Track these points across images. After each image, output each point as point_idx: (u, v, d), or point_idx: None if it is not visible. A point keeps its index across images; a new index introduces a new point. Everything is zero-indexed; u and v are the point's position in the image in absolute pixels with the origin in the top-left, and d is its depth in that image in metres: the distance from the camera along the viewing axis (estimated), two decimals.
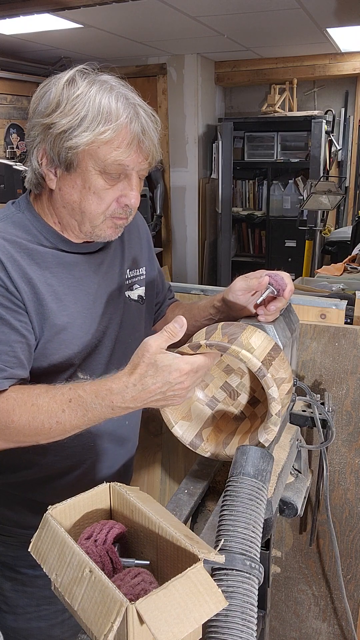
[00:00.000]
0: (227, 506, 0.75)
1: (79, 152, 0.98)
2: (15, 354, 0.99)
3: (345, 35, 4.15)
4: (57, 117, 0.96)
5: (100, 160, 0.98)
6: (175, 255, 5.65)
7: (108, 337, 1.14)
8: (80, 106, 0.95)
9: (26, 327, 1.01)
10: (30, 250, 1.04)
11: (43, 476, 1.17)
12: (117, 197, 1.03)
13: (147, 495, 0.79)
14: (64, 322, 1.06)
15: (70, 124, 0.96)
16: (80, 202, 1.02)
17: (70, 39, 4.17)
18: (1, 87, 4.62)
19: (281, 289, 1.05)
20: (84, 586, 0.61)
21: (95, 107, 0.95)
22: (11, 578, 1.24)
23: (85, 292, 1.11)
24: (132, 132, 0.97)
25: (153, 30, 4.03)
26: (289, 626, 1.67)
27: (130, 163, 0.99)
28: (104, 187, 1.01)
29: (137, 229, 1.28)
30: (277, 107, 5.04)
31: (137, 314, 1.24)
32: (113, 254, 1.19)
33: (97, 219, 1.04)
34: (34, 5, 3.10)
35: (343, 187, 5.16)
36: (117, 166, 0.99)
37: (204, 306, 1.23)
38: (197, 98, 5.13)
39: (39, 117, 1.00)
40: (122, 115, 0.96)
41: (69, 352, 1.07)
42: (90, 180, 1.00)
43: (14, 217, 1.08)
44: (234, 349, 0.86)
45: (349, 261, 3.20)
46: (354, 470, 1.45)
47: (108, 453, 1.22)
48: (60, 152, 0.98)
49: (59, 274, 1.07)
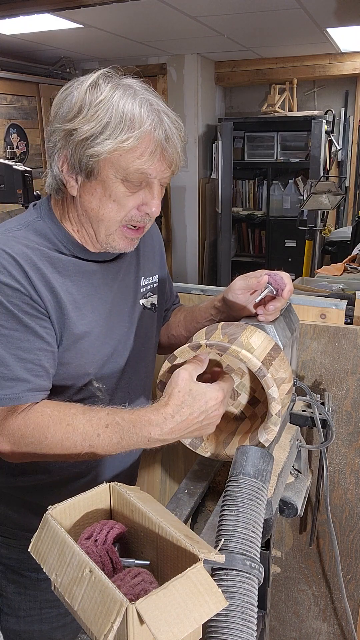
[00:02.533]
0: (227, 506, 0.75)
1: (100, 160, 0.95)
2: (40, 362, 0.98)
3: (345, 35, 4.15)
4: (79, 123, 0.94)
5: (122, 168, 0.96)
6: (175, 255, 5.65)
7: (123, 345, 1.14)
8: (102, 112, 0.93)
9: (50, 334, 1.00)
10: (51, 258, 1.03)
11: (52, 482, 1.16)
12: (137, 205, 1.00)
13: (147, 494, 0.79)
14: (82, 331, 1.05)
15: (93, 131, 0.93)
16: (99, 210, 1.00)
17: (70, 39, 4.17)
18: (1, 87, 4.62)
19: (280, 288, 1.05)
20: (84, 586, 0.61)
21: (118, 114, 0.93)
22: (14, 581, 1.23)
23: (103, 301, 1.10)
24: (156, 140, 0.95)
25: (153, 30, 4.03)
26: (289, 626, 1.67)
27: (152, 172, 0.97)
28: (125, 195, 0.98)
29: (150, 237, 1.26)
30: (277, 107, 5.04)
31: (150, 322, 1.24)
32: (129, 263, 1.18)
33: (112, 226, 1.02)
34: (34, 5, 3.10)
35: (343, 187, 5.16)
36: (140, 175, 0.97)
37: (205, 307, 1.23)
38: (197, 98, 5.13)
39: (60, 122, 0.97)
40: (145, 122, 0.93)
41: (85, 361, 1.07)
42: (110, 188, 0.98)
43: (35, 225, 1.07)
44: (234, 349, 0.86)
45: (349, 261, 3.20)
46: (354, 470, 1.45)
47: (115, 459, 1.21)
48: (82, 159, 0.96)
49: (79, 282, 1.06)
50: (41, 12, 3.14)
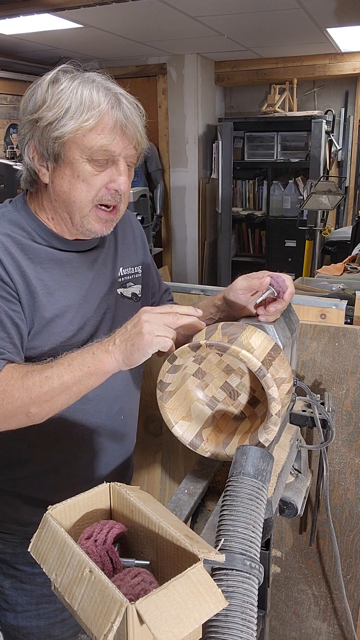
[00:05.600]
0: (227, 506, 0.75)
1: (65, 142, 1.01)
2: (12, 340, 1.03)
3: (345, 35, 4.15)
4: (44, 112, 1.01)
5: (86, 147, 1.01)
6: (175, 255, 5.65)
7: (101, 332, 1.16)
8: (64, 99, 1.00)
9: (20, 317, 1.05)
10: (23, 245, 1.07)
11: (38, 471, 1.18)
12: (106, 184, 1.05)
13: (148, 494, 0.79)
14: (53, 314, 1.09)
15: (55, 116, 1.00)
16: (70, 192, 1.05)
17: (70, 39, 4.17)
18: (1, 87, 4.62)
19: (282, 291, 1.05)
20: (83, 586, 0.61)
21: (77, 98, 1.00)
22: (10, 575, 1.25)
23: (78, 288, 1.13)
24: (115, 118, 1.01)
25: (153, 30, 4.03)
26: (289, 626, 1.67)
27: (115, 148, 1.03)
28: (92, 174, 1.04)
29: (131, 230, 1.30)
30: (277, 107, 5.04)
31: (132, 311, 1.25)
32: (106, 253, 1.22)
33: (85, 208, 1.06)
34: (34, 5, 3.10)
35: (343, 187, 5.16)
36: (103, 152, 1.02)
37: (204, 306, 1.23)
38: (197, 98, 5.13)
39: (27, 115, 1.04)
40: (102, 102, 1.00)
41: (58, 345, 1.10)
42: (78, 168, 1.03)
43: (9, 215, 1.11)
44: (234, 349, 0.86)
45: (349, 261, 3.20)
46: (354, 470, 1.45)
47: (105, 449, 1.22)
48: (48, 144, 1.02)
49: (51, 269, 1.10)
50: (41, 12, 3.14)
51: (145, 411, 1.63)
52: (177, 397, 0.98)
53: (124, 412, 1.24)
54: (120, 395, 1.22)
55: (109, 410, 1.20)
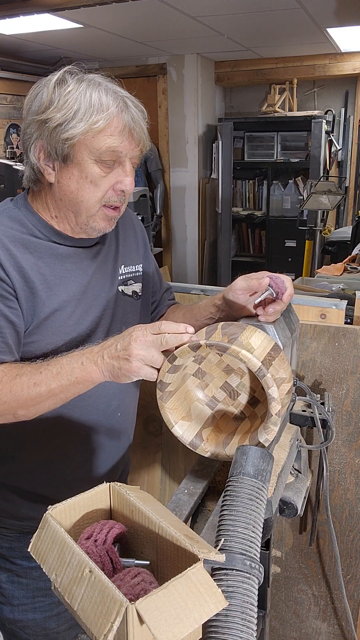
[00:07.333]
0: (227, 506, 0.75)
1: (74, 144, 1.03)
2: (4, 339, 1.04)
3: (345, 35, 4.15)
4: (52, 113, 1.02)
5: (95, 149, 1.03)
6: (175, 255, 5.65)
7: (101, 328, 1.17)
8: (72, 101, 1.01)
9: (16, 314, 1.05)
10: (24, 240, 1.09)
11: (34, 465, 1.19)
12: (112, 185, 1.07)
13: (148, 494, 0.79)
14: (52, 309, 1.10)
15: (65, 117, 1.01)
16: (78, 192, 1.07)
17: (70, 39, 4.17)
18: (1, 87, 4.62)
19: (281, 292, 1.05)
20: (83, 586, 0.61)
21: (86, 101, 1.01)
22: (6, 569, 1.26)
23: (78, 284, 1.14)
24: (123, 121, 1.03)
25: (153, 30, 4.02)
26: (289, 626, 1.67)
27: (123, 149, 1.05)
28: (100, 175, 1.05)
29: (132, 228, 1.31)
30: (277, 107, 5.03)
31: (132, 309, 1.27)
32: (107, 250, 1.23)
33: (93, 208, 1.08)
34: (34, 5, 3.10)
35: (343, 187, 5.16)
36: (112, 153, 1.04)
37: (204, 305, 1.23)
38: (197, 98, 5.13)
39: (33, 115, 1.05)
40: (112, 106, 1.02)
41: (57, 339, 1.10)
42: (86, 169, 1.04)
43: (10, 212, 1.13)
44: (234, 349, 0.86)
45: (349, 261, 3.20)
46: (354, 470, 1.45)
47: (101, 446, 1.23)
48: (57, 145, 1.03)
49: (51, 264, 1.11)
50: (41, 12, 3.14)
51: (145, 411, 1.63)
52: (177, 397, 0.98)
53: (121, 409, 1.24)
54: (118, 393, 1.22)
55: (106, 407, 1.20)
